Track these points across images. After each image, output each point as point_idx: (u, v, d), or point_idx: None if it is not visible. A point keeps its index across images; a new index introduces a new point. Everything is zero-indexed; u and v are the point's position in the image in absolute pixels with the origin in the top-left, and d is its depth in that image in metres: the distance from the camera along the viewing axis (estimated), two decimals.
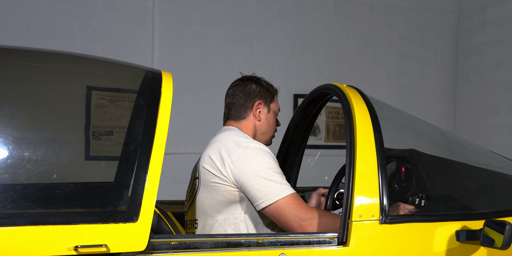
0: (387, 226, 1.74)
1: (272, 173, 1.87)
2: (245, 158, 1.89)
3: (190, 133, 4.80)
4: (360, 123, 1.86)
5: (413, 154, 2.19)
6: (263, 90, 2.14)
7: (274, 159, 1.95)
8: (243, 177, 1.87)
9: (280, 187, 1.85)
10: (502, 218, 1.76)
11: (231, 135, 2.00)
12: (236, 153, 1.90)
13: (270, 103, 2.16)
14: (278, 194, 1.83)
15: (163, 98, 1.68)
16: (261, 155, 1.91)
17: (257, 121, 2.12)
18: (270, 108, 2.16)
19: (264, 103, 2.13)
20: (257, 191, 1.85)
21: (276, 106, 2.18)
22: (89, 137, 1.82)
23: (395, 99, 5.48)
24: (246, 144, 1.93)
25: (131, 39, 4.76)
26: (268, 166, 1.89)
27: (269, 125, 2.16)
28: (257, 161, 1.88)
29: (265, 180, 1.85)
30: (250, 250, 1.62)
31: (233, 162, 1.89)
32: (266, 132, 2.16)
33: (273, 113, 2.17)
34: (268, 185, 1.85)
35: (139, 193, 1.52)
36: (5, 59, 1.82)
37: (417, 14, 5.64)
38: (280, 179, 1.88)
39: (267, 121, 2.15)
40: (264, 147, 1.96)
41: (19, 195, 1.51)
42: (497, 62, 5.19)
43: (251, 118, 2.12)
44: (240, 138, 1.97)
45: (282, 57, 5.20)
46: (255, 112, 2.11)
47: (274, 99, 2.18)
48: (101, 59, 2.03)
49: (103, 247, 1.45)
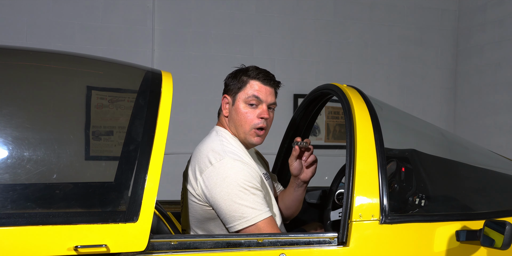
0: (387, 226, 1.74)
1: (244, 196, 1.77)
2: (215, 178, 1.80)
3: (190, 133, 4.80)
4: (360, 123, 1.86)
5: (413, 154, 2.19)
6: (230, 80, 2.02)
7: (248, 173, 1.82)
8: (214, 199, 1.80)
9: (251, 212, 1.76)
10: (502, 218, 1.76)
11: (207, 146, 1.91)
12: (207, 172, 1.82)
13: (237, 93, 1.98)
14: (249, 220, 1.76)
15: (163, 98, 1.68)
16: (233, 174, 1.79)
17: (225, 117, 2.02)
18: (236, 99, 1.98)
19: (230, 95, 2.00)
20: (227, 215, 1.79)
21: (245, 94, 1.97)
22: (89, 137, 1.82)
23: (395, 99, 5.48)
24: (218, 160, 1.82)
25: (131, 39, 4.75)
26: (239, 187, 1.78)
27: (238, 116, 1.97)
28: (228, 181, 1.78)
29: (235, 204, 1.77)
30: (250, 250, 1.62)
31: (204, 182, 1.82)
32: (241, 122, 1.97)
33: (242, 103, 1.97)
34: (238, 210, 1.76)
35: (139, 193, 1.52)
36: (5, 59, 1.82)
37: (417, 14, 5.64)
38: (253, 201, 1.78)
39: (235, 112, 1.97)
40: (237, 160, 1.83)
41: (19, 195, 1.51)
42: (497, 62, 5.19)
43: (222, 114, 2.04)
44: (213, 153, 1.85)
45: (282, 57, 5.20)
46: (223, 108, 2.03)
47: (245, 87, 1.97)
48: (101, 59, 2.03)
49: (103, 247, 1.45)
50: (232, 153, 1.87)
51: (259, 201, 1.80)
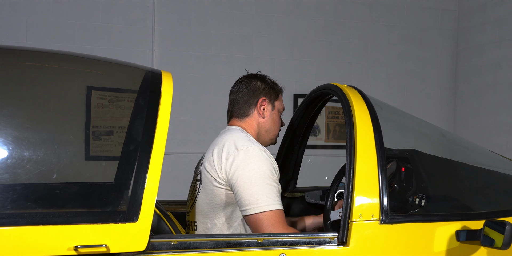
0: (387, 226, 1.74)
1: (262, 183, 1.83)
2: (240, 161, 1.86)
3: (190, 133, 4.80)
4: (360, 123, 1.86)
5: (413, 154, 2.19)
6: (268, 87, 2.12)
7: (271, 165, 1.89)
8: (234, 181, 1.85)
9: (265, 200, 1.81)
10: (502, 218, 1.76)
11: (232, 136, 1.97)
12: (233, 156, 1.88)
13: (275, 100, 2.13)
14: (262, 207, 1.80)
15: (163, 98, 1.68)
16: (257, 161, 1.86)
17: (261, 118, 2.10)
18: (275, 106, 2.13)
19: (269, 100, 2.11)
20: (242, 198, 1.83)
21: (280, 105, 2.16)
22: (89, 137, 1.82)
23: (395, 99, 5.48)
24: (246, 147, 1.89)
25: (131, 39, 4.76)
26: (261, 174, 1.84)
27: (273, 123, 2.13)
28: (251, 167, 1.84)
29: (253, 188, 1.82)
30: (250, 250, 1.62)
31: (228, 164, 1.87)
32: (271, 130, 2.13)
33: (278, 111, 2.15)
34: (254, 194, 1.81)
35: (139, 193, 1.52)
36: (5, 59, 1.82)
37: (417, 14, 5.64)
38: (269, 191, 1.83)
39: (271, 118, 2.12)
40: (264, 151, 1.91)
41: (19, 195, 1.51)
42: (497, 62, 5.19)
43: (255, 115, 2.09)
44: (241, 141, 1.93)
45: (282, 57, 5.20)
46: (259, 109, 2.09)
47: (279, 98, 2.16)
48: (101, 59, 2.03)
49: (103, 247, 1.45)
50: (260, 146, 1.94)
51: (274, 193, 1.85)
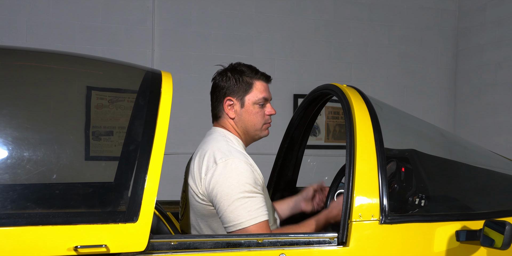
0: (387, 226, 1.74)
1: (242, 198, 1.77)
2: (218, 177, 1.80)
3: (190, 133, 4.80)
4: (360, 123, 1.86)
5: (413, 154, 2.19)
6: (233, 82, 1.98)
7: (251, 175, 1.83)
8: (213, 197, 1.81)
9: (246, 215, 1.76)
10: (502, 218, 1.76)
11: (213, 146, 1.90)
12: (212, 171, 1.82)
13: (245, 95, 1.98)
14: (243, 222, 1.76)
15: (163, 98, 1.68)
16: (236, 174, 1.79)
17: (230, 120, 2.00)
18: (244, 102, 1.98)
19: (236, 98, 1.98)
20: (223, 215, 1.79)
21: (255, 97, 1.98)
22: (89, 137, 1.83)
23: (395, 99, 5.48)
24: (224, 159, 1.82)
25: (131, 39, 4.75)
26: (240, 188, 1.78)
27: (247, 120, 1.99)
28: (229, 182, 1.78)
29: (233, 205, 1.77)
30: (250, 250, 1.62)
31: (207, 180, 1.82)
32: (248, 127, 2.00)
33: (252, 105, 1.99)
34: (235, 211, 1.76)
35: (139, 193, 1.52)
36: (5, 59, 1.82)
37: (417, 14, 5.64)
38: (251, 204, 1.78)
39: (243, 117, 1.99)
40: (243, 162, 1.83)
41: (19, 195, 1.51)
42: (497, 62, 5.19)
43: (225, 116, 2.01)
44: (219, 152, 1.85)
45: (282, 57, 5.20)
46: (227, 110, 2.00)
47: (252, 89, 1.98)
48: (101, 59, 2.03)
49: (103, 248, 1.45)
50: (238, 153, 1.87)
51: (257, 204, 1.80)
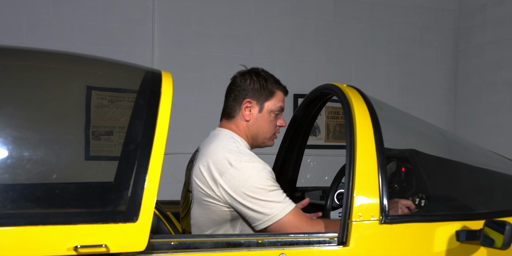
0: (387, 226, 1.74)
1: (268, 193, 1.79)
2: (238, 178, 1.80)
3: (190, 133, 4.80)
4: (360, 123, 1.86)
5: (413, 154, 2.19)
6: (257, 86, 1.98)
7: (267, 169, 1.85)
8: (239, 199, 1.80)
9: (278, 206, 1.78)
10: (502, 218, 1.76)
11: (222, 147, 1.88)
12: (228, 173, 1.81)
13: (265, 101, 1.98)
14: (278, 214, 1.78)
15: (163, 98, 1.68)
16: (255, 172, 1.81)
17: (244, 122, 1.99)
18: (263, 107, 1.99)
19: (256, 102, 1.98)
20: (254, 213, 1.79)
21: (274, 105, 2.00)
22: (89, 137, 1.82)
23: (395, 99, 5.48)
24: (238, 161, 1.82)
25: (131, 39, 4.76)
26: (263, 184, 1.80)
27: (260, 127, 2.00)
28: (251, 181, 1.79)
29: (262, 201, 1.78)
30: (250, 250, 1.62)
31: (226, 183, 1.81)
32: (258, 133, 2.01)
33: (268, 112, 2.00)
34: (266, 205, 1.78)
35: (139, 193, 1.52)
36: (5, 59, 1.82)
37: (417, 14, 5.64)
38: (277, 196, 1.80)
39: (258, 122, 1.99)
40: (257, 161, 1.85)
41: (19, 195, 1.50)
42: (497, 62, 5.19)
43: (240, 117, 1.99)
44: (231, 154, 1.85)
45: (282, 57, 5.20)
46: (243, 112, 1.98)
47: (273, 97, 2.00)
48: (101, 59, 2.03)
49: (103, 247, 1.44)
50: (250, 154, 1.88)
51: (281, 194, 1.82)
